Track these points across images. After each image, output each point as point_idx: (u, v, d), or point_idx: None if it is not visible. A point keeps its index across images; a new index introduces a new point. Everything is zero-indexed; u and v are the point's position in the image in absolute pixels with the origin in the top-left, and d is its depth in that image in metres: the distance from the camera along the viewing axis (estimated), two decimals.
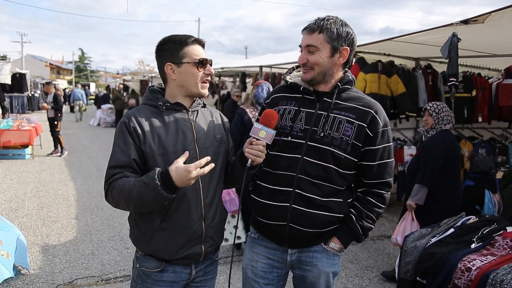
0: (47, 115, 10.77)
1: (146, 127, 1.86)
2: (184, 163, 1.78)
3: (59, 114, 10.63)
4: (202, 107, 2.06)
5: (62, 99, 10.84)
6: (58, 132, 10.79)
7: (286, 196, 1.97)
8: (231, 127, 3.96)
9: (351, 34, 1.96)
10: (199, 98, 2.04)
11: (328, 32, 1.90)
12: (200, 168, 1.72)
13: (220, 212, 2.03)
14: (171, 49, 1.91)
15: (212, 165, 1.77)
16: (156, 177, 1.70)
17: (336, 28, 1.91)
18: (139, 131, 1.85)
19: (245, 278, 2.18)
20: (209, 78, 1.96)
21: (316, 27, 1.92)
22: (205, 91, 1.96)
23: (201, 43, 1.95)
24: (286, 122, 2.00)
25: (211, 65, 1.96)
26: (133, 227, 1.97)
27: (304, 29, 1.97)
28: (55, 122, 10.64)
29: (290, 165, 1.97)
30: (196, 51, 1.91)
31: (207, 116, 2.06)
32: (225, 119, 2.18)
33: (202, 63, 1.90)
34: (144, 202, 1.76)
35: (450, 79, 4.30)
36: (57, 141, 10.84)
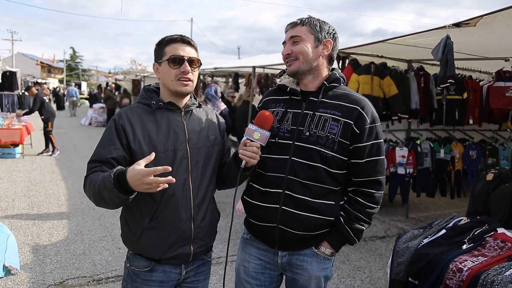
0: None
1: (137, 125, 1.86)
2: (164, 163, 1.81)
3: (43, 116, 10.60)
4: (197, 107, 2.05)
5: (41, 102, 10.61)
6: (50, 132, 10.72)
7: (276, 198, 1.96)
8: None
9: (334, 30, 2.03)
10: (194, 98, 2.05)
11: (311, 25, 1.97)
12: (156, 176, 1.59)
13: (210, 213, 2.02)
14: (157, 49, 1.96)
15: (172, 180, 1.62)
16: (112, 174, 1.64)
17: (319, 23, 1.99)
18: (128, 129, 1.85)
19: (238, 279, 2.18)
20: (187, 75, 1.89)
21: (299, 22, 1.99)
22: (183, 89, 1.91)
23: (184, 41, 1.92)
24: (274, 123, 2.00)
25: (194, 63, 1.92)
26: (123, 226, 1.98)
27: (287, 25, 2.03)
28: (44, 124, 10.63)
29: (278, 166, 1.97)
30: (175, 49, 1.89)
31: (202, 117, 2.05)
32: (221, 120, 2.17)
33: (174, 60, 1.88)
34: (101, 198, 1.72)
35: (448, 81, 4.36)
36: (48, 140, 10.77)
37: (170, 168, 1.60)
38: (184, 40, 1.92)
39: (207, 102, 6.24)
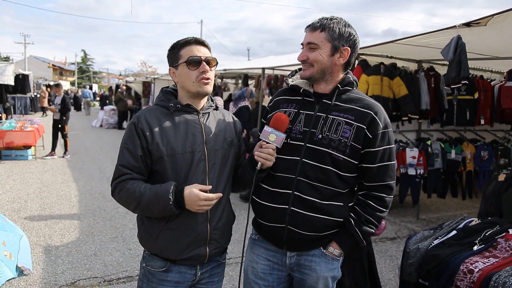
0: (53, 117, 10.81)
1: (156, 127, 1.89)
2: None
3: (64, 118, 10.63)
4: (214, 109, 2.07)
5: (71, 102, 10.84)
6: (66, 135, 10.78)
7: (285, 199, 1.96)
8: None
9: (354, 36, 1.96)
10: (211, 101, 2.07)
11: (330, 31, 1.91)
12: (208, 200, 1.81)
13: (226, 215, 2.04)
14: (171, 54, 1.98)
15: (220, 194, 1.86)
16: (171, 191, 1.79)
17: (339, 28, 1.92)
18: (147, 132, 1.88)
19: (246, 279, 2.19)
20: (207, 75, 1.92)
21: (318, 25, 1.93)
22: (204, 89, 1.94)
23: (198, 42, 1.94)
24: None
25: (210, 63, 1.94)
26: (140, 226, 2.01)
27: (307, 26, 1.98)
28: (59, 125, 10.64)
29: (289, 167, 1.97)
30: (191, 51, 1.91)
31: (219, 119, 2.07)
32: (238, 122, 2.18)
33: (192, 62, 1.90)
34: (150, 210, 1.85)
35: (462, 82, 4.33)
36: (55, 142, 10.79)
37: (221, 195, 1.87)
38: (198, 41, 1.95)
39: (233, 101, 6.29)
